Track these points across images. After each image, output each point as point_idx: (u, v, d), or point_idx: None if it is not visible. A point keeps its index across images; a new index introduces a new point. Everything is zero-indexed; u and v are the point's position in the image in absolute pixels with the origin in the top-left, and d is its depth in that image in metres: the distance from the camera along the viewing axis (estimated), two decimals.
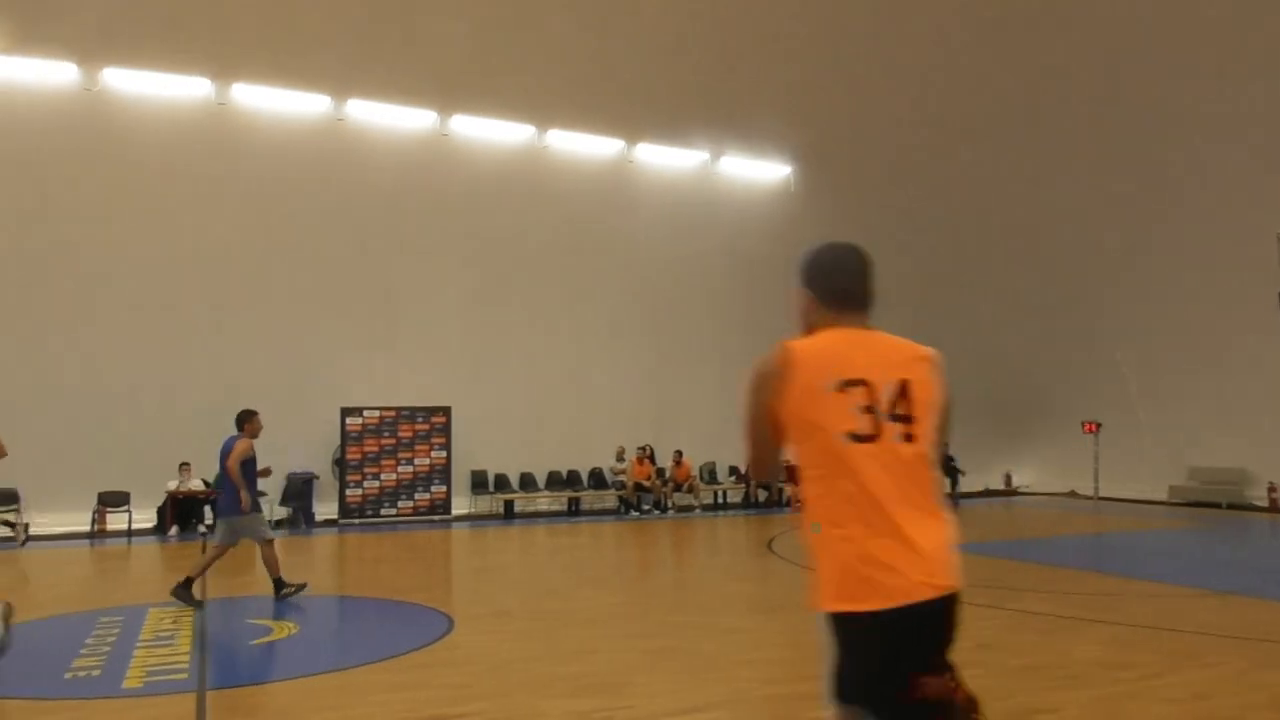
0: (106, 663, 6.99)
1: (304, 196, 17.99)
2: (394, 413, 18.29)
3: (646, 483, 19.49)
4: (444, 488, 18.57)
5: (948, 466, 22.59)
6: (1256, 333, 18.63)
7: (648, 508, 19.49)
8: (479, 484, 19.33)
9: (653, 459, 19.64)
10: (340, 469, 17.96)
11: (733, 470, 21.20)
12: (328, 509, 17.83)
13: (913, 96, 20.63)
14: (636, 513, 19.31)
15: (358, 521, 17.74)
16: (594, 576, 11.94)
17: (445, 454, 18.55)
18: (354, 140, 18.57)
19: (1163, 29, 18.05)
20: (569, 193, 20.25)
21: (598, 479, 20.33)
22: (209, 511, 15.73)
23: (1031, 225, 21.93)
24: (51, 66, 16.39)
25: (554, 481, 19.95)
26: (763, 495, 21.03)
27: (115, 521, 16.26)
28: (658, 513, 19.45)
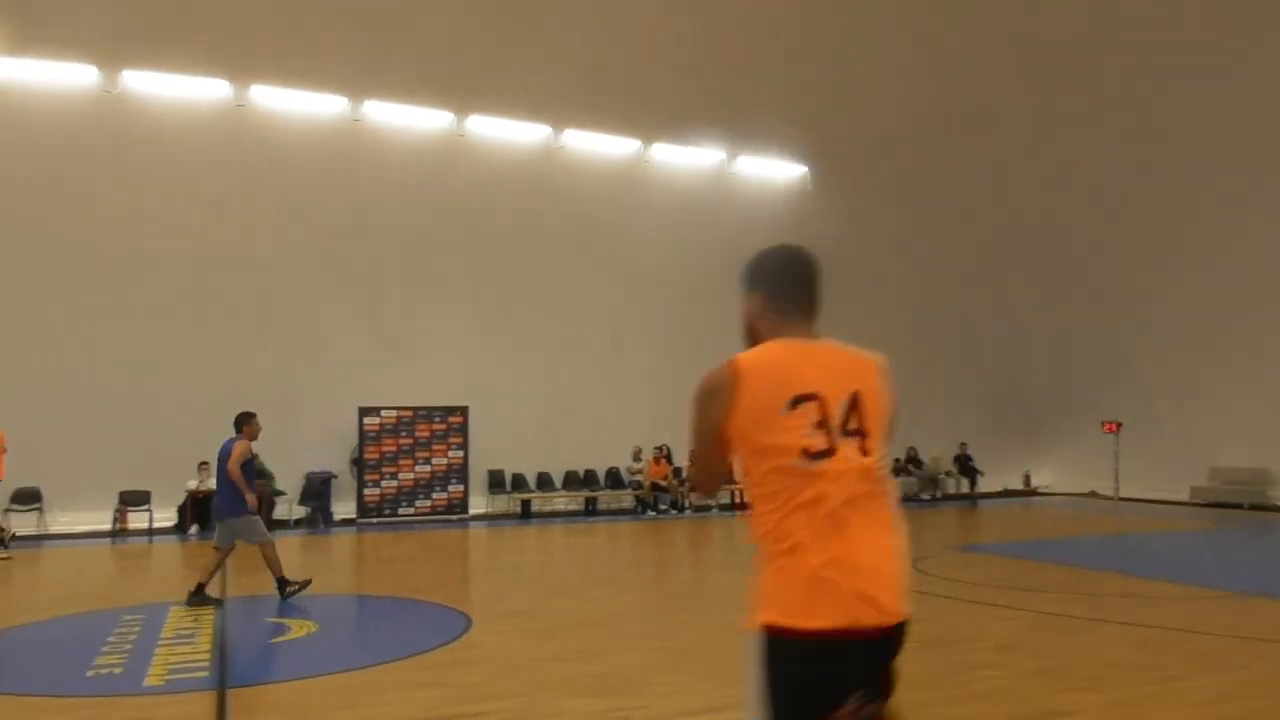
0: (128, 660, 7.04)
1: (322, 197, 18.08)
2: (411, 412, 18.35)
3: (663, 482, 19.48)
4: (461, 487, 18.62)
5: (966, 466, 22.48)
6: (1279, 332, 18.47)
7: (664, 507, 19.47)
8: (496, 484, 19.37)
9: (670, 459, 19.62)
10: (358, 468, 18.04)
11: None
12: (346, 508, 17.92)
13: (930, 94, 20.52)
14: (653, 512, 19.30)
15: (376, 521, 17.81)
16: (611, 576, 11.95)
17: (462, 454, 18.60)
18: (371, 141, 18.66)
19: (1188, 19, 17.86)
20: (585, 192, 20.25)
21: (615, 479, 20.33)
22: None
23: (1051, 224, 21.79)
24: (71, 69, 16.54)
25: (571, 481, 19.97)
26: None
27: (136, 520, 16.40)
28: (674, 512, 19.43)
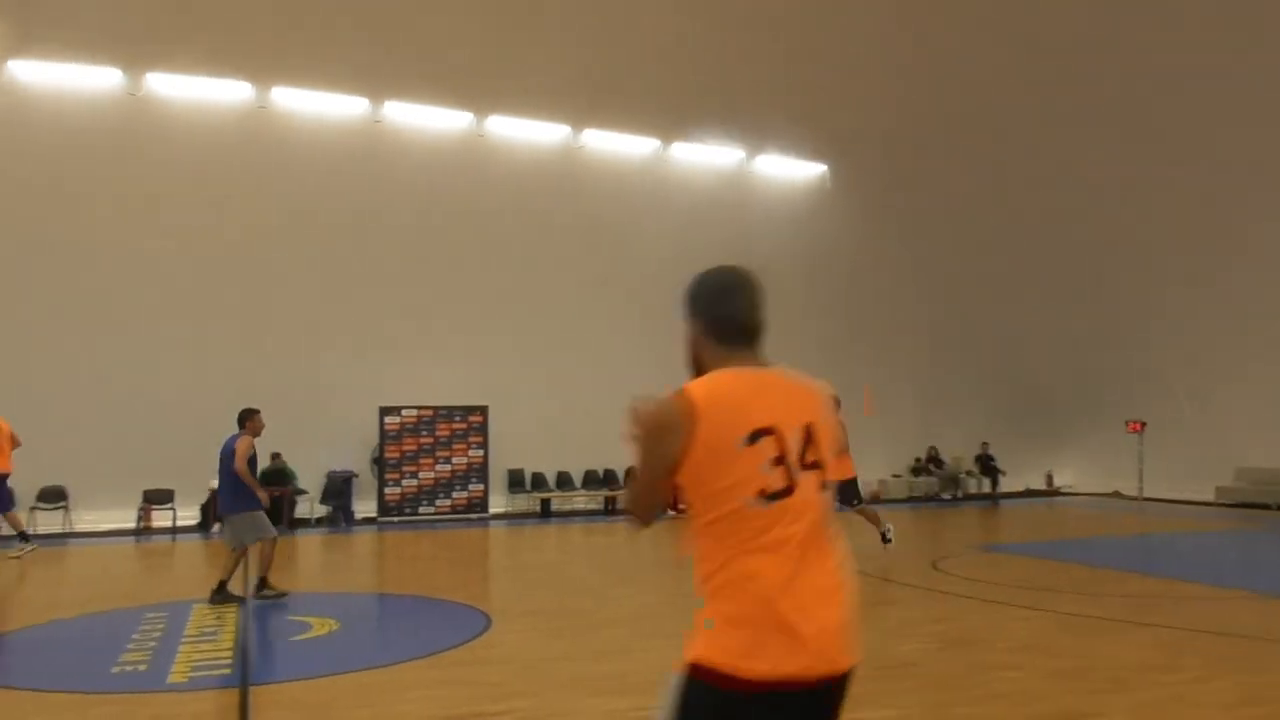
0: (152, 658, 7.12)
1: (343, 197, 18.19)
2: (432, 412, 18.43)
3: None
4: (481, 486, 18.68)
5: (987, 466, 22.31)
6: None
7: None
8: (516, 482, 19.42)
9: None
10: (379, 468, 18.14)
11: None
12: (367, 507, 18.02)
13: (952, 92, 20.37)
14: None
15: (396, 520, 17.90)
16: (630, 575, 11.95)
17: (482, 453, 18.66)
18: (391, 141, 18.75)
19: (1188, 19, 17.65)
20: (605, 192, 20.26)
21: None
22: None
23: (1074, 223, 21.58)
24: (96, 72, 16.72)
25: (590, 480, 19.98)
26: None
27: (160, 519, 16.57)
28: None
